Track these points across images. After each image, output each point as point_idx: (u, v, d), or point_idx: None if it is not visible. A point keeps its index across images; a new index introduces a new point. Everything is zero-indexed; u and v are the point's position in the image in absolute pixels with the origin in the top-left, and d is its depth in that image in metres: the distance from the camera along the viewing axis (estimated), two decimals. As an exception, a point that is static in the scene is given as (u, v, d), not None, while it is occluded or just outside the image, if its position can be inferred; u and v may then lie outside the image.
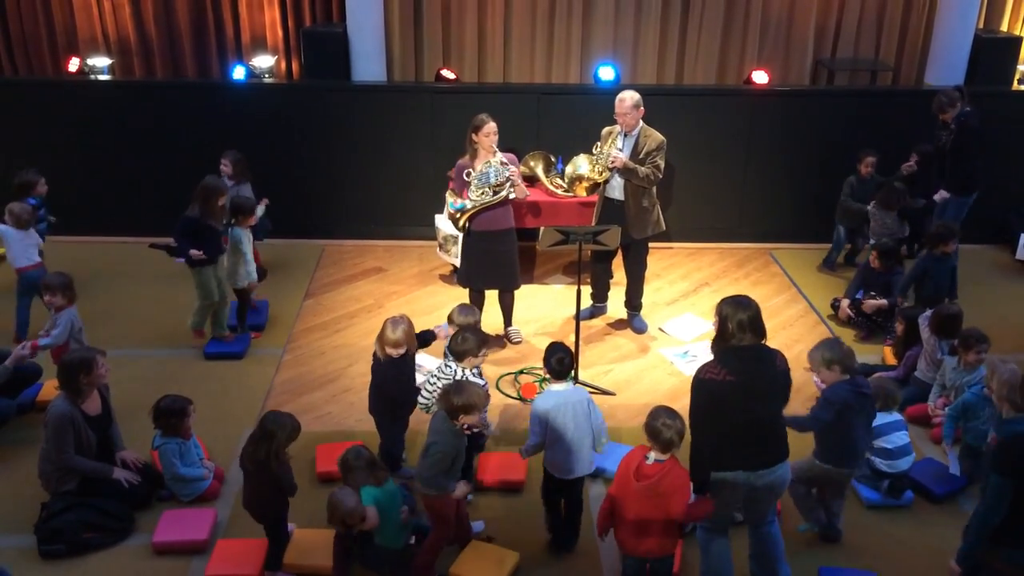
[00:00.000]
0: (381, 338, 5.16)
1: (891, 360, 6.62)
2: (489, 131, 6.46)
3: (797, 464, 4.79)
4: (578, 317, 6.47)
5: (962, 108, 7.44)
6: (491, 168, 6.49)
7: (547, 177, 8.00)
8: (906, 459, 5.27)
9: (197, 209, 6.45)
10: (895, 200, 7.59)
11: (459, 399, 4.46)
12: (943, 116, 7.53)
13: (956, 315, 5.92)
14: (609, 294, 7.46)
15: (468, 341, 5.15)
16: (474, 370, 5.22)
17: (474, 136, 6.51)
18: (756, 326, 4.16)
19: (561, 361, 4.84)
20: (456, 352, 5.20)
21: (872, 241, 7.64)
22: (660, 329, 7.34)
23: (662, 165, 6.74)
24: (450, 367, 5.23)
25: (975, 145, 7.48)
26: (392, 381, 5.20)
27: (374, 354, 5.28)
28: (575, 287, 6.42)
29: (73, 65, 9.02)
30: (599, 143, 6.88)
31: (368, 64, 8.76)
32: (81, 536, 4.89)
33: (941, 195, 7.68)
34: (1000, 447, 3.86)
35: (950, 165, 7.59)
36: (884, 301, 7.02)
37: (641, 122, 6.73)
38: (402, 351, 5.14)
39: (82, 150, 8.45)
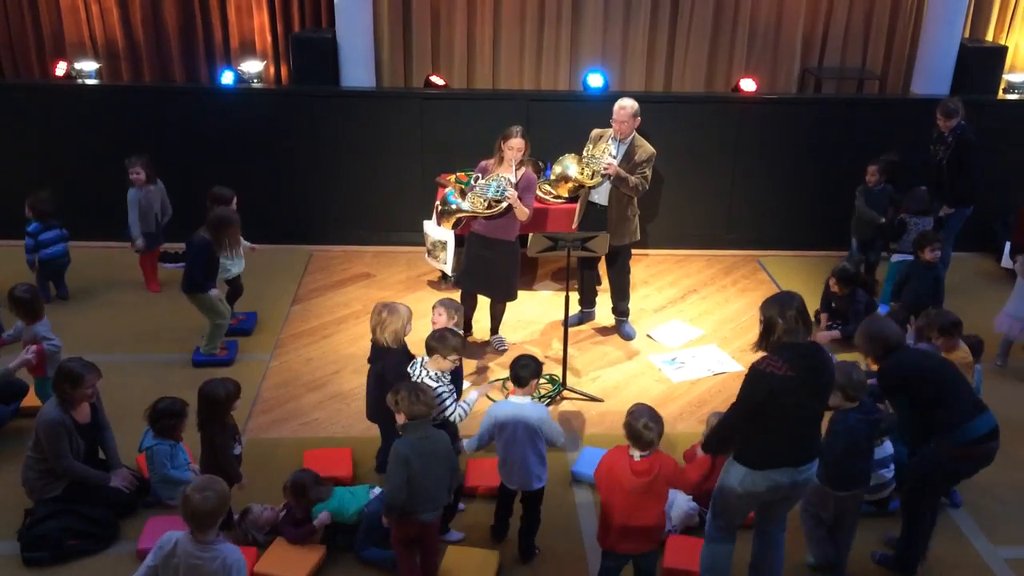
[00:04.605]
0: (391, 326, 5.13)
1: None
2: (514, 145, 6.43)
3: (805, 496, 4.75)
4: (566, 323, 6.48)
5: (959, 122, 7.45)
6: (495, 182, 6.48)
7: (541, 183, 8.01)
8: (887, 490, 5.28)
9: (210, 236, 6.40)
10: (925, 203, 7.45)
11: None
12: (945, 123, 7.45)
13: (957, 323, 5.77)
14: (597, 300, 7.48)
15: (445, 339, 4.87)
16: (436, 373, 4.87)
17: (501, 143, 6.51)
18: (805, 317, 4.15)
19: (526, 367, 4.78)
20: (428, 346, 4.93)
21: (893, 254, 7.56)
22: (648, 336, 7.35)
23: (650, 176, 6.77)
24: (414, 367, 4.99)
25: (975, 158, 7.50)
26: (397, 369, 5.07)
27: (376, 349, 5.24)
28: (563, 293, 6.43)
29: (60, 69, 8.98)
30: (588, 145, 6.89)
31: (357, 70, 8.76)
32: (65, 543, 4.85)
33: (945, 211, 7.65)
34: (884, 369, 4.58)
35: (949, 179, 7.60)
36: (837, 332, 7.09)
37: (635, 132, 6.75)
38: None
39: (70, 155, 8.41)
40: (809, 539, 4.87)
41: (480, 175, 6.59)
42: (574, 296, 7.16)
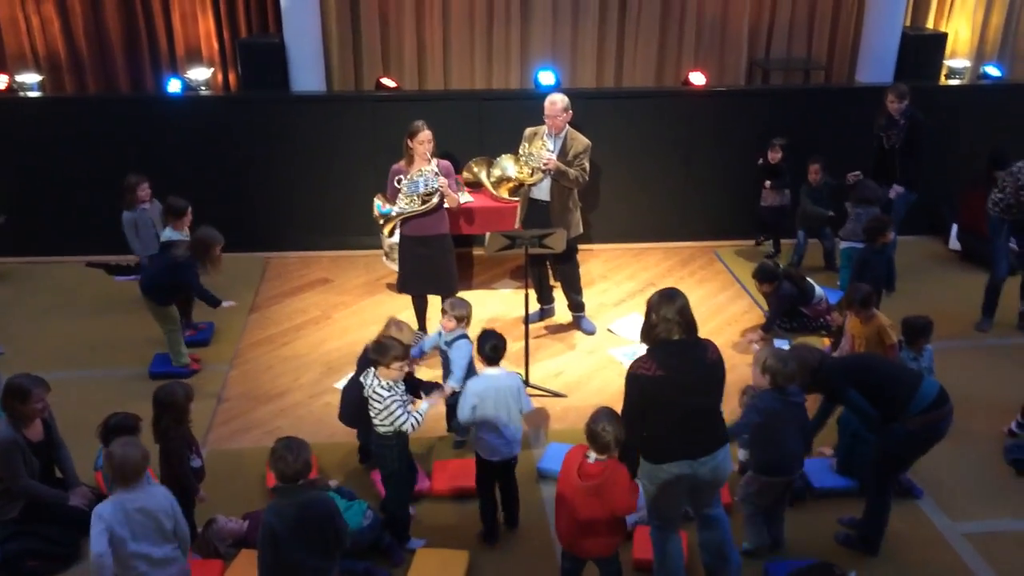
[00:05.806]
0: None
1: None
2: (423, 139, 6.45)
3: (741, 483, 4.91)
4: (527, 320, 6.50)
5: (908, 106, 7.59)
6: (422, 177, 6.48)
7: (490, 182, 8.02)
8: None
9: (196, 261, 6.46)
10: (873, 194, 7.55)
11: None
12: (898, 106, 7.54)
13: (871, 294, 5.90)
14: (555, 295, 7.50)
15: (383, 349, 4.64)
16: (387, 383, 4.65)
17: (409, 142, 6.52)
18: (684, 318, 4.17)
19: (495, 348, 4.93)
20: (370, 359, 4.75)
21: (841, 241, 7.67)
22: (608, 330, 7.39)
23: (588, 167, 6.82)
24: (367, 376, 4.80)
25: (927, 141, 7.66)
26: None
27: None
28: (522, 291, 6.44)
29: (2, 83, 8.79)
30: (524, 143, 6.93)
31: (306, 74, 8.69)
32: (25, 564, 4.77)
33: (896, 190, 7.77)
34: (825, 376, 4.75)
35: (901, 163, 7.73)
36: (760, 332, 7.13)
37: (567, 125, 6.79)
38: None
39: (13, 169, 8.24)
40: (746, 524, 4.91)
41: (401, 177, 6.57)
42: (532, 294, 7.17)
